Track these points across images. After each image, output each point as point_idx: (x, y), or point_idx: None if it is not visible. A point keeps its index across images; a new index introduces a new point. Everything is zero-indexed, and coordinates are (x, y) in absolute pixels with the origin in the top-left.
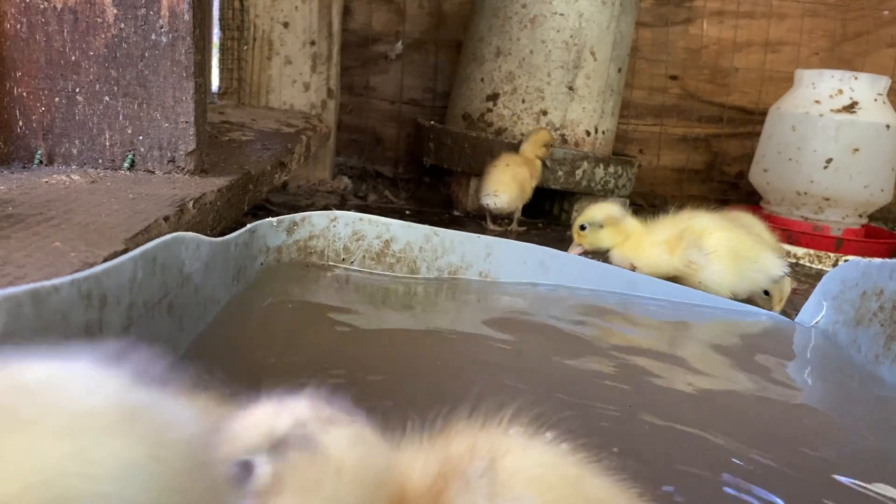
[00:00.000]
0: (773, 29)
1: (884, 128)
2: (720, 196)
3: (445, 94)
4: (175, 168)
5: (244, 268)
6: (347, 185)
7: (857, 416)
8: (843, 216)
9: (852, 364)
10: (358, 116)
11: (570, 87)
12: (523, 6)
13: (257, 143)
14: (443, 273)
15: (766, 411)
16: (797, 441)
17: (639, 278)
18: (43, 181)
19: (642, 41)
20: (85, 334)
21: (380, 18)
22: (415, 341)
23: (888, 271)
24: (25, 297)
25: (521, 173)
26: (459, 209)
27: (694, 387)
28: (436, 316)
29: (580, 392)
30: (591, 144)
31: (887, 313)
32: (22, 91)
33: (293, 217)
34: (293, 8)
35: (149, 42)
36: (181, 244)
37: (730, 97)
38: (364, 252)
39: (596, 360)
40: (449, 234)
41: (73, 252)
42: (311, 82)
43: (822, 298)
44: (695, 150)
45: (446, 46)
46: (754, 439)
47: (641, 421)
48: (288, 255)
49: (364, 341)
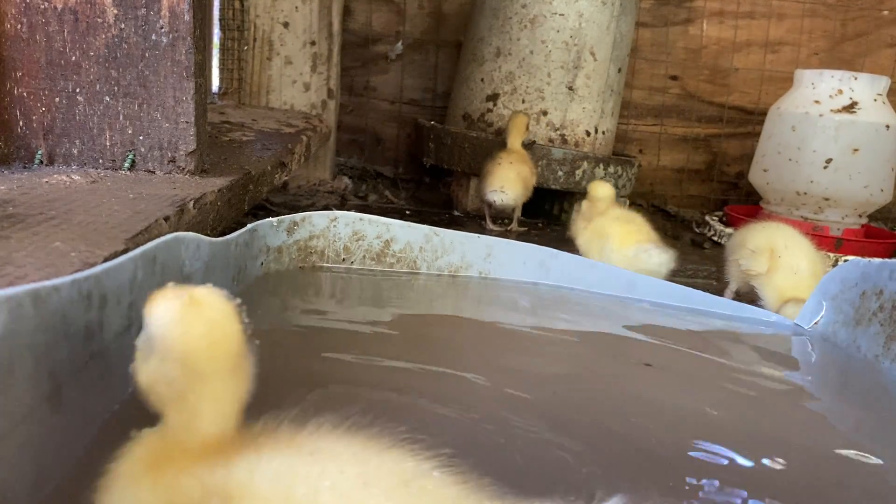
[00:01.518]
0: (773, 29)
1: (883, 128)
2: (720, 196)
3: (445, 94)
4: (175, 168)
5: (244, 268)
6: (347, 185)
7: (856, 417)
8: (843, 216)
9: (852, 364)
10: (358, 116)
11: (569, 88)
12: (523, 6)
13: (257, 143)
14: (443, 273)
15: (766, 411)
16: (798, 441)
17: (638, 279)
18: (43, 181)
19: (642, 41)
20: (85, 334)
21: (380, 18)
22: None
23: (888, 271)
24: (25, 297)
25: (524, 171)
26: (459, 209)
27: (692, 386)
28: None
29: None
30: (591, 144)
31: (887, 313)
32: (22, 91)
33: (293, 217)
34: (293, 8)
35: (149, 42)
36: (181, 244)
37: (730, 97)
38: (364, 252)
39: (612, 353)
40: (449, 234)
41: (74, 252)
42: (311, 82)
43: (821, 298)
44: (695, 150)
45: (446, 46)
46: (753, 440)
47: (637, 420)
48: (288, 255)
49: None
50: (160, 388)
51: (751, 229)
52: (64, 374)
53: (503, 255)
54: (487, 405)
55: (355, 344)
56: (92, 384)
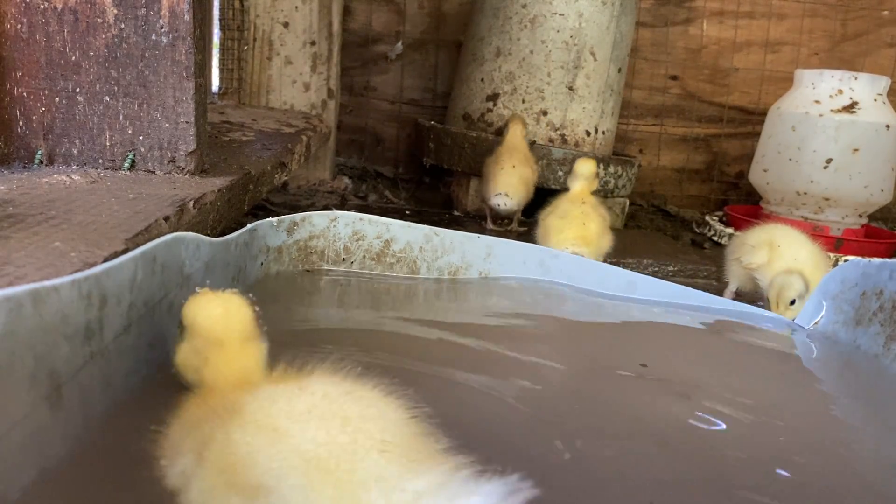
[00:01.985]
0: (773, 29)
1: (884, 128)
2: (720, 196)
3: (445, 94)
4: (175, 168)
5: (244, 268)
6: (347, 185)
7: (856, 417)
8: (843, 216)
9: (852, 364)
10: (358, 116)
11: (570, 88)
12: (523, 6)
13: (257, 143)
14: (443, 273)
15: (765, 411)
16: (798, 441)
17: (638, 279)
18: (43, 181)
19: (642, 41)
20: (85, 334)
21: (380, 18)
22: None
23: (888, 271)
24: (25, 297)
25: (526, 174)
26: (459, 209)
27: (689, 388)
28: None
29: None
30: (591, 144)
31: (887, 313)
32: (22, 91)
33: (293, 217)
34: (293, 8)
35: (149, 42)
36: (181, 244)
37: (730, 97)
38: (364, 252)
39: (608, 353)
40: (449, 234)
41: (74, 252)
42: (311, 82)
43: (821, 298)
44: (695, 150)
45: (446, 46)
46: (755, 441)
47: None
48: (288, 255)
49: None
50: (193, 360)
51: (750, 230)
52: (64, 374)
53: (503, 255)
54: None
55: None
56: (92, 384)
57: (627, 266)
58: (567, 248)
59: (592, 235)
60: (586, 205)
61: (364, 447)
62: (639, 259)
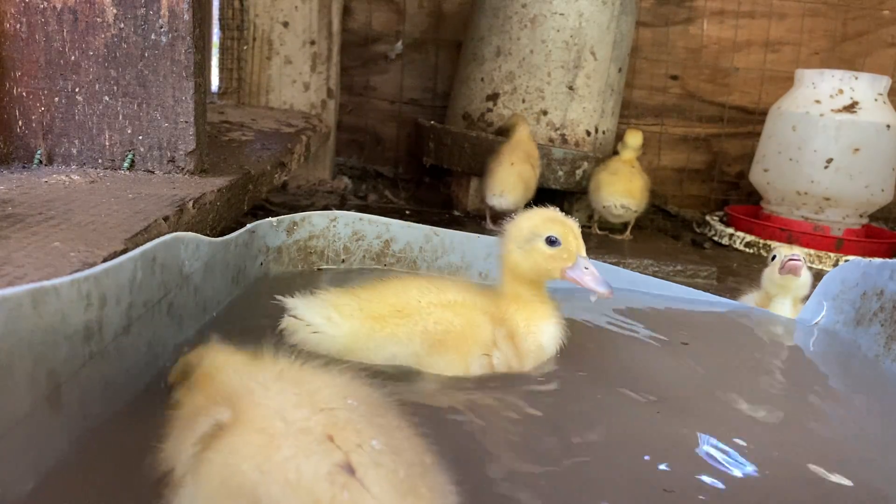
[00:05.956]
0: (774, 29)
1: (884, 128)
2: (721, 196)
3: (445, 94)
4: (175, 168)
5: (244, 268)
6: (347, 185)
7: (856, 417)
8: (844, 216)
9: (852, 364)
10: (358, 116)
11: (570, 87)
12: (523, 6)
13: (257, 142)
14: (443, 273)
15: (764, 412)
16: (797, 442)
17: (638, 278)
18: (43, 181)
19: (642, 41)
20: (85, 334)
21: (380, 18)
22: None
23: (888, 271)
24: (25, 297)
25: (526, 172)
26: (459, 209)
27: (689, 387)
28: None
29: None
30: (592, 144)
31: (887, 313)
32: (22, 91)
33: (293, 217)
34: (293, 8)
35: (148, 42)
36: (181, 244)
37: (730, 97)
38: (364, 252)
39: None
40: (449, 234)
41: (73, 252)
42: (310, 82)
43: (822, 298)
44: (695, 149)
45: (446, 46)
46: (754, 443)
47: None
48: (288, 255)
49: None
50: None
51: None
52: (63, 374)
53: None
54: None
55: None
56: (92, 384)
57: (628, 266)
58: (616, 201)
59: (637, 191)
60: (634, 168)
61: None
62: (639, 259)
